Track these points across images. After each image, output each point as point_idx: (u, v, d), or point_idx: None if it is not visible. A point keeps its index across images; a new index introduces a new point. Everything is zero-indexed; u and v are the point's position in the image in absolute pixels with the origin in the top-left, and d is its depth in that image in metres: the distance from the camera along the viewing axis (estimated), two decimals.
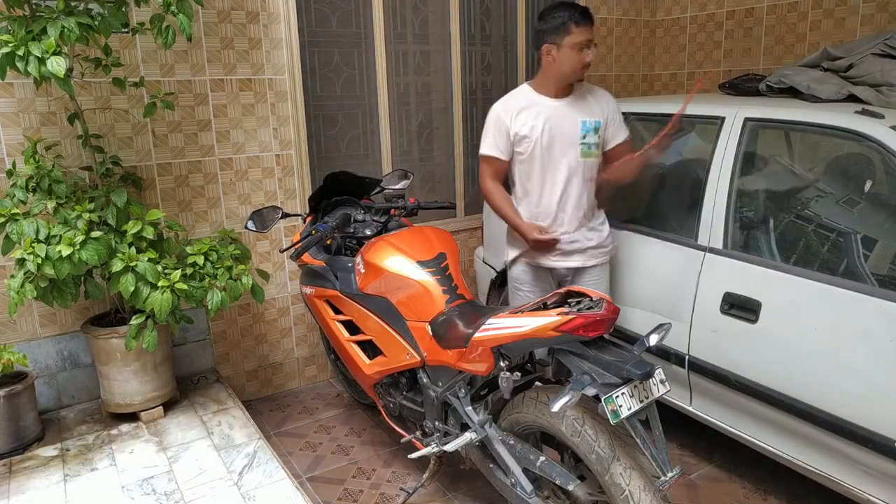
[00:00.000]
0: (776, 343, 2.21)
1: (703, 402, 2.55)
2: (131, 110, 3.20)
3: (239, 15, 3.39)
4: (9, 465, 2.76)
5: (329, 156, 3.88)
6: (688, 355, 2.52)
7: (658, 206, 2.87)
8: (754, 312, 2.26)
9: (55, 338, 3.20)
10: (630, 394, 1.69)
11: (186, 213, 3.41)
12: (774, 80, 2.74)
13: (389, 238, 2.44)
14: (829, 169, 2.44)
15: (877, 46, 2.62)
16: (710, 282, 2.43)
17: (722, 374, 2.39)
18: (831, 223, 2.24)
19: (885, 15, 3.71)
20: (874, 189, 2.22)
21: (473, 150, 4.48)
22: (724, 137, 2.52)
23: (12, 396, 2.81)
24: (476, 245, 4.24)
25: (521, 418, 2.07)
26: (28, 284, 2.62)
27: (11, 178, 2.77)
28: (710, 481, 2.69)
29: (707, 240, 2.47)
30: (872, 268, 2.05)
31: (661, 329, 1.87)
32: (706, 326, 2.44)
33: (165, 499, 2.51)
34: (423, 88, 4.20)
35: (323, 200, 2.85)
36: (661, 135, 2.40)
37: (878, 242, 2.13)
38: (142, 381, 3.05)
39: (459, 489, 2.62)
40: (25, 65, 2.31)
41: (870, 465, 2.01)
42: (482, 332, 1.95)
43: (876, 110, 2.20)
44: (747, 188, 2.46)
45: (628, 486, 1.74)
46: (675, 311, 2.54)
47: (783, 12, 4.20)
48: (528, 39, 4.55)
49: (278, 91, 3.55)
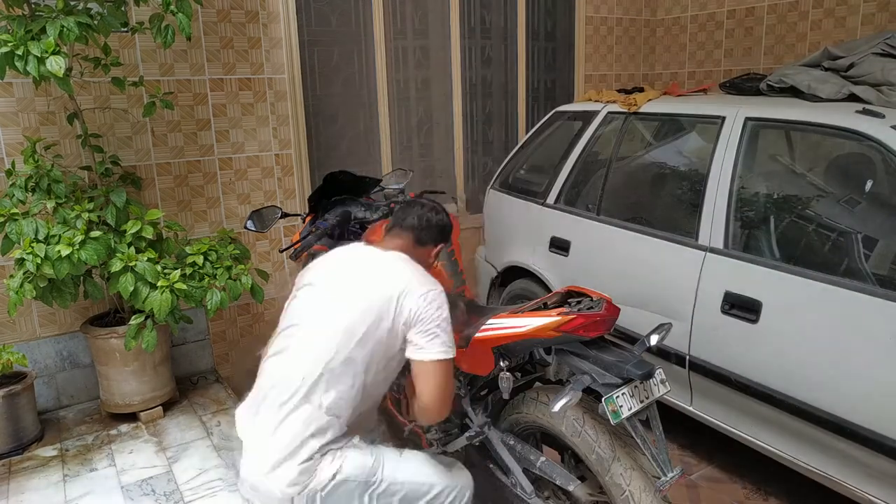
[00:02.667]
0: (777, 343, 2.21)
1: (704, 402, 2.55)
2: (130, 110, 3.19)
3: (238, 14, 3.38)
4: (8, 465, 2.76)
5: (329, 155, 3.88)
6: (688, 355, 2.51)
7: (659, 206, 2.86)
8: (755, 312, 2.26)
9: (54, 338, 3.19)
10: (630, 394, 1.69)
11: (186, 213, 3.41)
12: (775, 80, 2.74)
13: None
14: (829, 169, 2.44)
15: (877, 46, 2.62)
16: (710, 281, 2.43)
17: (723, 374, 2.38)
18: (832, 223, 2.24)
19: (886, 14, 3.71)
20: (875, 189, 2.22)
21: (473, 147, 4.49)
22: (724, 137, 2.51)
23: (11, 396, 2.80)
24: (477, 244, 4.24)
25: (521, 418, 2.06)
26: (27, 284, 2.62)
27: (11, 177, 2.76)
28: (711, 481, 2.68)
29: (708, 239, 2.46)
30: (873, 267, 2.04)
31: (662, 329, 1.87)
32: (707, 326, 2.44)
33: (165, 499, 2.50)
34: (423, 83, 4.19)
35: (322, 200, 2.85)
36: None
37: (878, 242, 2.12)
38: (141, 382, 3.04)
39: None
40: (24, 64, 2.31)
41: (870, 465, 2.01)
42: (482, 332, 1.95)
43: (876, 110, 2.19)
44: (748, 188, 2.45)
45: (629, 487, 1.73)
46: (676, 311, 2.54)
47: (784, 11, 4.20)
48: (528, 33, 4.55)
49: (278, 90, 3.55)
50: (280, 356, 1.79)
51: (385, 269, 1.82)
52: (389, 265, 1.83)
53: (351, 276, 1.83)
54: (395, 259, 1.84)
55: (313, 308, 1.82)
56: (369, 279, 1.79)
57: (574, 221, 3.05)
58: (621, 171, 3.01)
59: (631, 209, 2.90)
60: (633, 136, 3.07)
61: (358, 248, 1.93)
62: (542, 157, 3.50)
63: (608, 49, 4.96)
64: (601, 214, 2.94)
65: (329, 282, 1.84)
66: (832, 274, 2.09)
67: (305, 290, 1.87)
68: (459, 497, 1.86)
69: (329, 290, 1.82)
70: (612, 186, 2.98)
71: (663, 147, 2.98)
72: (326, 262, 1.92)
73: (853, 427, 2.00)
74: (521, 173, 3.56)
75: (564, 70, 4.85)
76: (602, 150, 3.12)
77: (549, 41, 4.73)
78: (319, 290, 1.84)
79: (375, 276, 1.79)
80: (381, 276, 1.79)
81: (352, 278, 1.82)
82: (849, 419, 2.02)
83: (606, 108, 3.13)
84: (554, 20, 4.72)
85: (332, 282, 1.84)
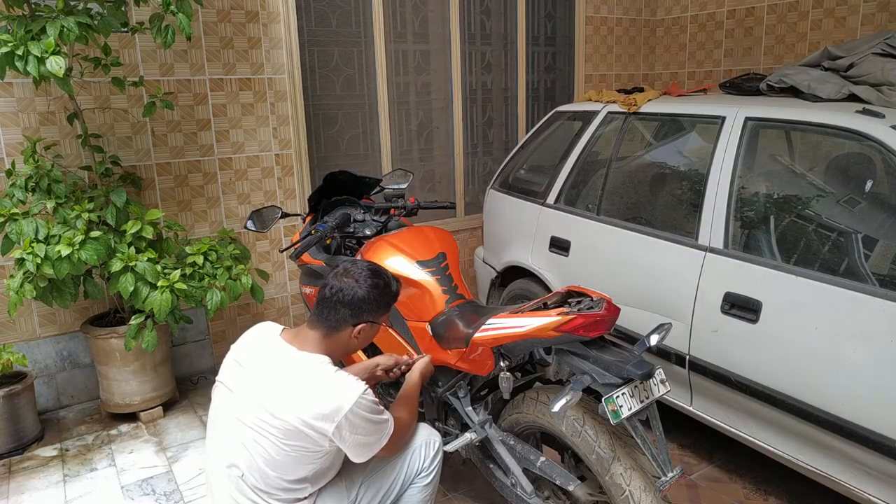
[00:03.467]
0: (777, 343, 2.21)
1: (704, 402, 2.55)
2: (130, 110, 3.19)
3: (238, 14, 3.38)
4: (8, 465, 2.76)
5: (329, 155, 3.88)
6: (688, 355, 2.51)
7: (659, 206, 2.86)
8: (755, 312, 2.26)
9: (54, 338, 3.19)
10: (630, 394, 1.69)
11: (186, 213, 3.41)
12: (775, 80, 2.74)
13: (389, 238, 2.43)
14: (829, 168, 2.44)
15: (877, 46, 2.62)
16: (710, 281, 2.43)
17: (722, 373, 2.38)
18: (832, 223, 2.23)
19: (886, 14, 3.71)
20: (875, 188, 2.22)
21: (473, 149, 4.49)
22: (724, 137, 2.51)
23: (12, 396, 2.80)
24: (476, 245, 4.24)
25: (521, 418, 2.06)
26: (27, 284, 2.62)
27: (11, 177, 2.76)
28: (711, 481, 2.68)
29: (708, 239, 2.46)
30: (873, 267, 2.04)
31: (662, 329, 1.87)
32: (707, 326, 2.44)
33: (165, 499, 2.50)
34: (423, 87, 4.19)
35: (322, 200, 2.85)
36: None
37: (878, 242, 2.12)
38: (141, 382, 3.04)
39: (459, 489, 2.62)
40: (25, 64, 2.31)
41: (870, 465, 2.01)
42: (482, 332, 1.95)
43: (876, 110, 2.19)
44: (748, 188, 2.45)
45: (629, 487, 1.73)
46: (676, 311, 2.54)
47: (784, 11, 4.20)
48: (528, 39, 4.55)
49: (278, 90, 3.55)
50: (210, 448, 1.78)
51: (293, 394, 1.61)
52: (296, 388, 1.62)
53: (258, 399, 1.64)
54: (306, 373, 1.64)
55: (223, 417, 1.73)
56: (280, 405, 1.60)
57: (574, 221, 3.05)
58: (621, 171, 3.01)
59: (631, 209, 2.90)
60: (632, 136, 3.07)
61: (270, 354, 1.69)
62: (542, 157, 3.50)
63: (608, 49, 4.96)
64: (601, 214, 2.94)
65: (238, 392, 1.70)
66: (832, 274, 2.09)
67: (220, 390, 1.77)
68: (428, 449, 1.91)
69: (236, 405, 1.69)
70: (612, 186, 2.98)
71: (663, 147, 2.98)
72: (239, 362, 1.75)
73: (853, 427, 2.00)
74: (521, 173, 3.56)
75: (564, 70, 4.85)
76: (602, 150, 3.12)
77: (549, 45, 4.73)
78: (228, 401, 1.72)
79: (284, 404, 1.60)
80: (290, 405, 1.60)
81: (258, 401, 1.64)
82: (849, 419, 2.02)
83: (606, 108, 3.13)
84: (554, 22, 4.72)
85: (240, 395, 1.69)
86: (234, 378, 1.73)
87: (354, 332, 1.74)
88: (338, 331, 1.71)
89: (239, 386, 1.70)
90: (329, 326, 1.70)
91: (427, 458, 1.92)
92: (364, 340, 1.79)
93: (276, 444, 1.60)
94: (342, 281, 1.73)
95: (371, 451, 1.71)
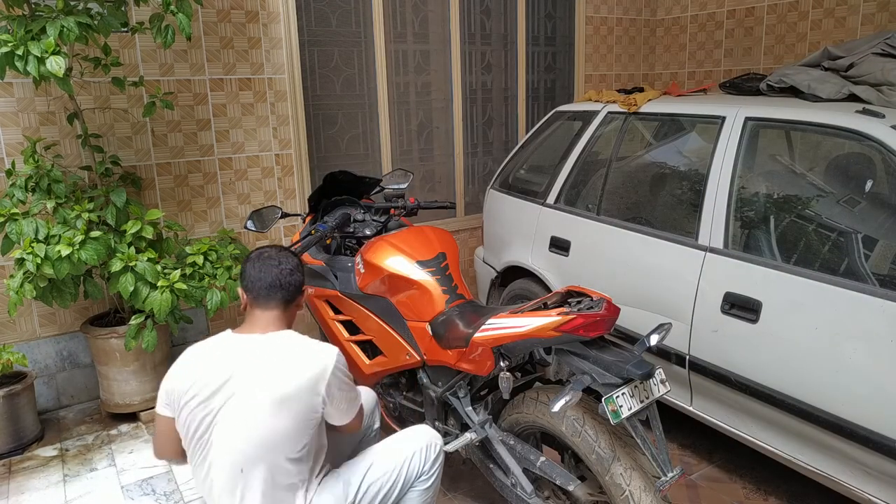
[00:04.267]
0: (777, 343, 2.21)
1: (704, 402, 2.55)
2: (130, 110, 3.19)
3: (238, 14, 3.38)
4: (8, 465, 2.76)
5: (329, 155, 3.88)
6: (688, 355, 2.51)
7: (659, 206, 2.86)
8: (755, 312, 2.26)
9: (54, 338, 3.19)
10: (630, 394, 1.69)
11: (186, 213, 3.41)
12: (775, 80, 2.74)
13: (389, 238, 2.44)
14: (829, 168, 2.44)
15: (877, 46, 2.62)
16: (710, 281, 2.43)
17: (722, 373, 2.38)
18: (832, 223, 2.23)
19: (886, 14, 3.71)
20: (875, 188, 2.22)
21: (473, 149, 4.49)
22: (724, 137, 2.51)
23: (12, 396, 2.80)
24: (476, 245, 4.24)
25: (521, 418, 2.06)
26: (27, 284, 2.62)
27: (11, 177, 2.76)
28: (711, 481, 2.68)
29: (708, 239, 2.46)
30: (873, 267, 2.04)
31: (662, 329, 1.87)
32: (707, 326, 2.44)
33: (165, 499, 2.50)
34: (423, 87, 4.19)
35: (322, 200, 2.85)
36: None
37: (878, 242, 2.12)
38: (141, 381, 3.04)
39: (459, 489, 2.62)
40: (25, 64, 2.31)
41: (870, 465, 2.01)
42: (482, 332, 1.95)
43: (876, 110, 2.19)
44: (748, 188, 2.45)
45: (629, 487, 1.74)
46: (676, 311, 2.54)
47: (784, 11, 4.20)
48: (528, 39, 4.55)
49: (278, 90, 3.55)
50: None
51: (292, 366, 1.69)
52: (291, 358, 1.70)
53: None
54: (283, 347, 1.72)
55: None
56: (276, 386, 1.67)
57: (574, 221, 3.05)
58: (621, 171, 3.01)
59: (631, 209, 2.90)
60: (632, 136, 3.07)
61: (239, 350, 1.72)
62: (542, 157, 3.50)
63: (608, 49, 4.96)
64: (601, 214, 2.94)
65: None
66: (832, 274, 2.09)
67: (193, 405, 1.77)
68: (429, 452, 1.93)
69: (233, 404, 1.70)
70: (612, 186, 2.98)
71: (663, 147, 2.98)
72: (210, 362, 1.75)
73: (853, 427, 2.00)
74: (521, 173, 3.56)
75: (564, 70, 4.86)
76: (602, 150, 3.12)
77: (549, 45, 4.73)
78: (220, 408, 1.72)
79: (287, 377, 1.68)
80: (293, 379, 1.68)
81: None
82: (849, 419, 2.02)
83: (606, 108, 3.13)
84: (554, 22, 4.72)
85: None
86: (211, 388, 1.70)
87: (302, 298, 1.89)
88: (292, 302, 1.83)
89: (227, 388, 1.69)
90: (285, 300, 1.80)
91: (428, 461, 1.92)
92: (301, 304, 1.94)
93: (274, 416, 1.64)
94: (270, 263, 1.82)
95: (353, 409, 1.81)
